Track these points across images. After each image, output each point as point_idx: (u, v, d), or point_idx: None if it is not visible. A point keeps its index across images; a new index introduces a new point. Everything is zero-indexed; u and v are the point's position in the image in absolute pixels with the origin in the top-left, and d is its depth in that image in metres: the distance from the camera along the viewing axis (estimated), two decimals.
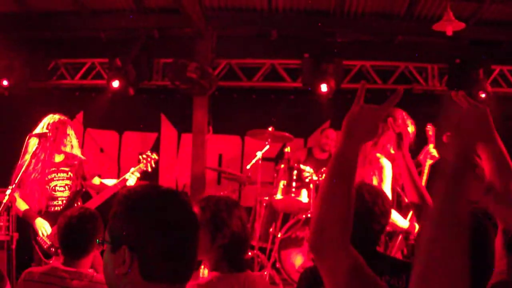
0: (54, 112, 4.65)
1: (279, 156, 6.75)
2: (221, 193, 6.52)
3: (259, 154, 5.89)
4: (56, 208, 4.46)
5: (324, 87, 6.65)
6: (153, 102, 7.55)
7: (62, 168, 4.56)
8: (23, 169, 4.10)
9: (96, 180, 4.75)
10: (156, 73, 7.23)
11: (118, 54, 6.85)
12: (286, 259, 5.50)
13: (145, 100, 7.49)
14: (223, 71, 7.30)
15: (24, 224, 4.52)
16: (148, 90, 7.38)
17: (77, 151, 4.69)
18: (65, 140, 4.57)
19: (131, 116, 7.53)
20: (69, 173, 4.56)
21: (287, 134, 6.01)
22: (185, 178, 7.34)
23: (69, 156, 4.61)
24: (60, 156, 4.59)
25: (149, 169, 4.74)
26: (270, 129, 5.90)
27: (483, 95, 6.51)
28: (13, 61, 6.98)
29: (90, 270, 2.78)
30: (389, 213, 2.42)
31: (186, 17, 6.49)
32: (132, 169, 4.62)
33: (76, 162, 4.61)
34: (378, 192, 2.43)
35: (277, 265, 5.52)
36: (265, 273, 5.45)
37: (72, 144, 4.65)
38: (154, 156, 4.77)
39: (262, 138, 6.01)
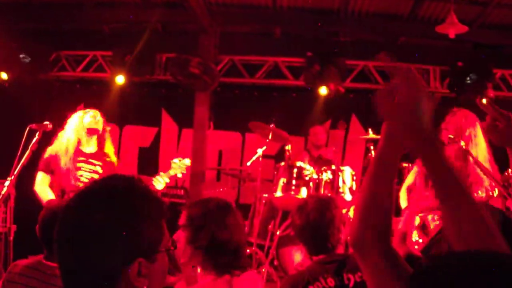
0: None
1: (280, 155, 6.73)
2: (221, 189, 6.53)
3: (259, 151, 5.87)
4: None
5: (326, 86, 6.64)
6: (154, 96, 7.52)
7: (91, 160, 4.51)
8: (22, 161, 4.04)
9: None
10: (159, 67, 7.20)
11: (121, 47, 6.82)
12: (284, 256, 5.50)
13: (147, 94, 7.47)
14: (225, 67, 7.28)
15: (23, 216, 4.49)
16: (149, 84, 7.36)
17: (109, 150, 4.66)
18: (105, 135, 4.62)
19: (132, 110, 7.50)
20: (97, 167, 4.50)
21: (285, 133, 5.97)
22: (185, 173, 7.32)
23: (101, 152, 4.58)
24: (93, 148, 4.56)
25: (180, 175, 4.69)
26: (271, 125, 5.87)
27: (484, 99, 6.51)
28: (14, 52, 6.92)
29: None
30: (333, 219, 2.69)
31: (190, 12, 6.47)
32: (161, 173, 4.51)
33: (106, 159, 4.57)
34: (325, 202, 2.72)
35: (275, 262, 5.52)
36: (263, 270, 5.45)
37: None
38: (187, 162, 4.71)
39: (263, 134, 5.99)
